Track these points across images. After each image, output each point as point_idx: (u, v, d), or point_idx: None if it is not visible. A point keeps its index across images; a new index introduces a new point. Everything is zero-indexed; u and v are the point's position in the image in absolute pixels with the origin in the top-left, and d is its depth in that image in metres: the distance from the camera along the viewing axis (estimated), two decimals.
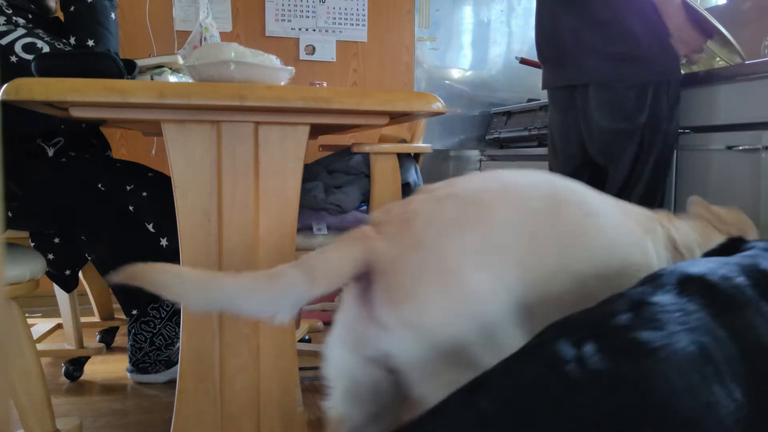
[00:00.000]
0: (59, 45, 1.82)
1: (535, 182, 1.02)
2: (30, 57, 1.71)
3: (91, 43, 1.87)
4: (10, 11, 1.80)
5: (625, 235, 1.09)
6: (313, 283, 0.87)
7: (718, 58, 1.93)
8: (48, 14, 1.98)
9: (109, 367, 2.25)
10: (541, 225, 0.97)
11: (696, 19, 1.76)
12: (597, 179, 1.94)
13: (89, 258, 1.99)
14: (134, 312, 2.00)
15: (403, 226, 0.91)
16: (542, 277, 0.97)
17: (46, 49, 1.74)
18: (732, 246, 0.93)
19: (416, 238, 0.89)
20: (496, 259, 0.92)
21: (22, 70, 1.70)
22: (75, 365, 2.15)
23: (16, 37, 1.74)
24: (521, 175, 1.03)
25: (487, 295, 0.89)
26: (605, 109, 1.83)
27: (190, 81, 1.48)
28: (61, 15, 1.94)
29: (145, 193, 1.89)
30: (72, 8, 1.87)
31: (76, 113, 1.27)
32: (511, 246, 0.95)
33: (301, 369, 1.45)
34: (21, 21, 1.80)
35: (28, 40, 1.74)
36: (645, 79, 1.78)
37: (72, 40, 1.87)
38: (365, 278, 0.90)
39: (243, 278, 0.90)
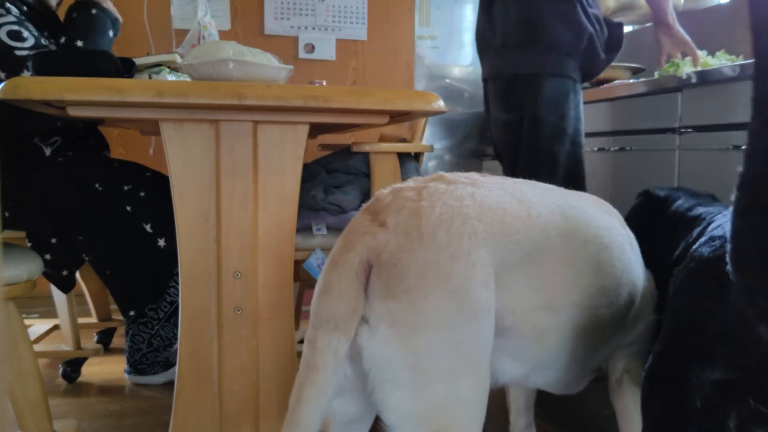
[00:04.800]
0: (44, 42, 1.81)
1: (556, 212, 0.99)
2: (13, 43, 1.71)
3: (80, 43, 1.86)
4: None
5: (628, 261, 1.10)
6: (344, 332, 0.83)
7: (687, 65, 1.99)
8: (46, 9, 1.98)
9: (106, 369, 2.24)
10: (559, 261, 0.97)
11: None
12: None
13: (86, 258, 1.98)
14: (131, 313, 1.99)
15: (413, 219, 0.86)
16: (554, 311, 0.98)
17: (31, 40, 1.74)
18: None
19: (426, 234, 0.85)
20: (510, 284, 0.91)
21: (2, 53, 1.70)
22: (72, 366, 2.14)
23: (3, 22, 1.74)
24: (546, 200, 1.00)
25: (486, 313, 0.86)
26: (497, 100, 1.92)
27: (189, 80, 1.47)
28: (61, 16, 1.95)
29: (142, 193, 1.88)
30: (74, 15, 1.89)
31: (73, 112, 1.26)
32: (523, 274, 0.94)
33: None
34: (14, 10, 1.80)
35: (15, 27, 1.74)
36: (527, 71, 1.82)
37: (62, 40, 1.87)
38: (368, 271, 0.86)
39: (306, 395, 0.84)
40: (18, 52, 1.69)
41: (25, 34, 1.74)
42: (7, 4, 1.78)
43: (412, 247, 0.84)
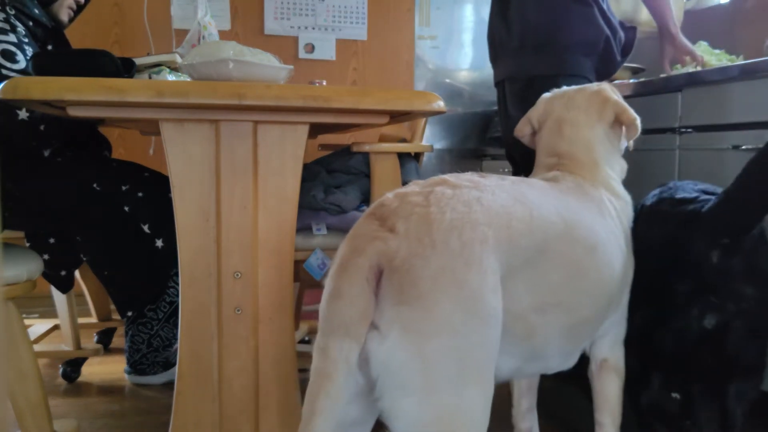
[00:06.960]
0: None
1: (554, 214, 1.02)
2: (3, 62, 1.71)
3: None
4: (12, 12, 1.79)
5: (609, 261, 1.13)
6: (355, 338, 0.83)
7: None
8: (59, 26, 1.99)
9: (106, 369, 2.24)
10: (553, 263, 1.00)
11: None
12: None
13: (84, 259, 1.97)
14: (129, 314, 1.98)
15: (423, 225, 0.86)
16: (542, 311, 1.01)
17: (23, 64, 1.74)
18: None
19: (438, 240, 0.85)
20: (510, 287, 0.93)
21: None
22: (72, 366, 2.13)
23: (2, 39, 1.74)
24: (544, 201, 1.03)
25: (495, 320, 0.87)
26: (515, 101, 1.92)
27: (189, 80, 1.46)
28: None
29: (140, 194, 1.88)
30: None
31: (73, 112, 1.26)
32: (522, 277, 0.96)
33: (300, 371, 1.43)
34: (20, 27, 1.80)
35: (12, 48, 1.74)
36: (544, 72, 1.84)
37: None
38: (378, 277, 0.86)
39: (320, 406, 0.84)
40: (4, 71, 1.70)
41: (19, 57, 1.74)
42: (13, 20, 1.78)
43: (424, 253, 0.84)
